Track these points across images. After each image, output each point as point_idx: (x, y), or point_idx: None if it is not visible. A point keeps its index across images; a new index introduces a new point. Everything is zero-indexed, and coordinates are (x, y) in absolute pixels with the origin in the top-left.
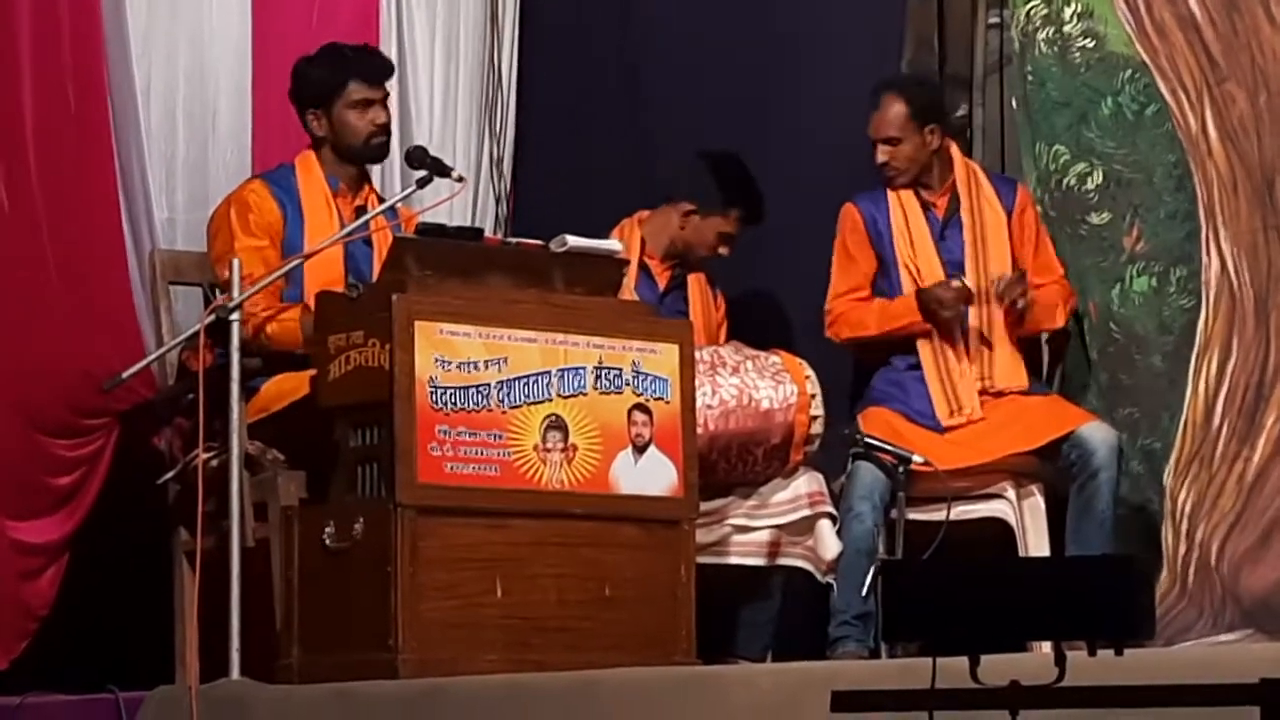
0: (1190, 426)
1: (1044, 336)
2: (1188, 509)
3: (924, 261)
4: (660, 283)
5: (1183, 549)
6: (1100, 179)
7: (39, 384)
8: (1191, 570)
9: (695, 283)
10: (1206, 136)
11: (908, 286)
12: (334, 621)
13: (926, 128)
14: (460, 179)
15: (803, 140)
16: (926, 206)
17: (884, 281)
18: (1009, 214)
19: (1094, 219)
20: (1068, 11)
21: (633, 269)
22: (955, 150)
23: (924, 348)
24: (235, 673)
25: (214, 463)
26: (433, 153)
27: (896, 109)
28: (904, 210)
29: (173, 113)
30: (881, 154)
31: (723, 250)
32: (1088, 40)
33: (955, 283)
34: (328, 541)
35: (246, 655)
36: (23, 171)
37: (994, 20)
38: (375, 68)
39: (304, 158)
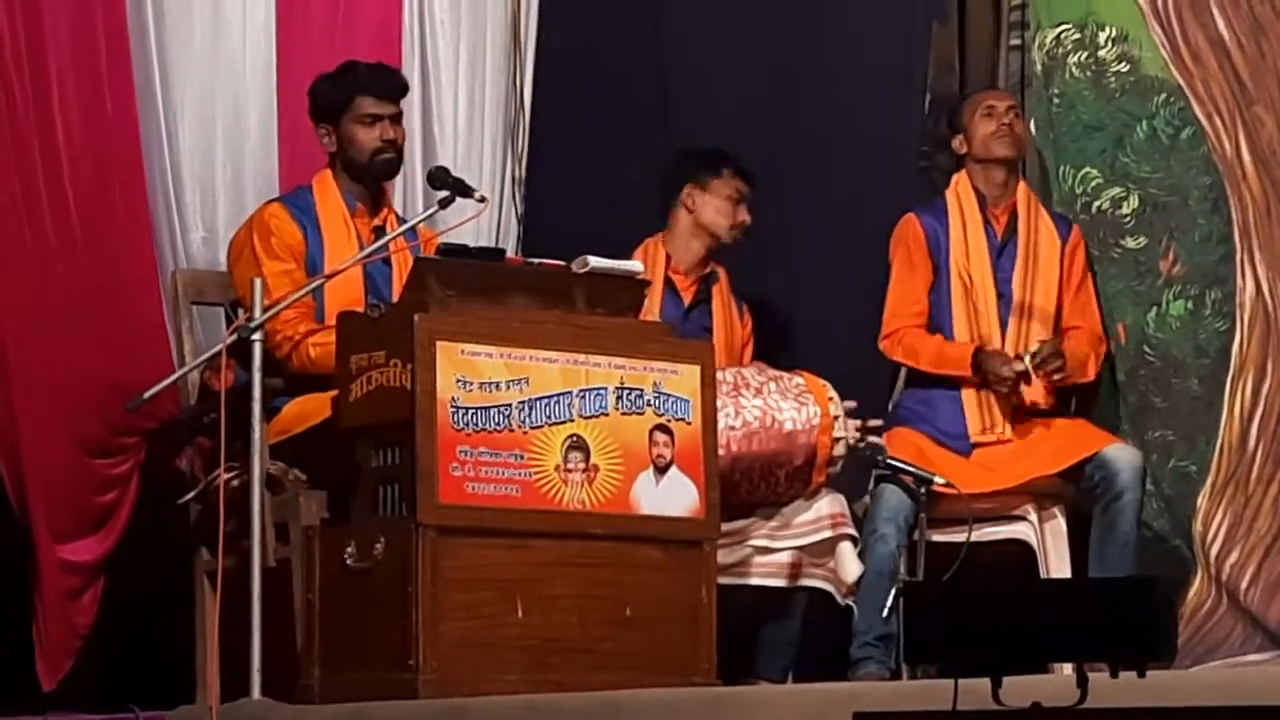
0: (1226, 449)
1: None
2: (1223, 531)
3: (978, 273)
4: (686, 298)
5: (1213, 570)
6: (1136, 204)
7: (80, 402)
8: (1222, 591)
9: (719, 296)
10: (1241, 160)
11: (958, 296)
12: (354, 641)
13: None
14: (482, 199)
15: (828, 156)
16: (988, 221)
17: (934, 293)
18: (1063, 246)
19: (1129, 243)
20: (1102, 36)
21: (658, 286)
22: (1022, 181)
23: None
24: (256, 692)
25: (235, 483)
26: (456, 173)
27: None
28: (964, 221)
29: (211, 131)
30: (1006, 115)
31: (742, 217)
32: (1122, 64)
33: (1017, 365)
34: (349, 561)
35: (267, 675)
36: (60, 194)
37: (1015, 42)
38: (385, 84)
39: (321, 178)
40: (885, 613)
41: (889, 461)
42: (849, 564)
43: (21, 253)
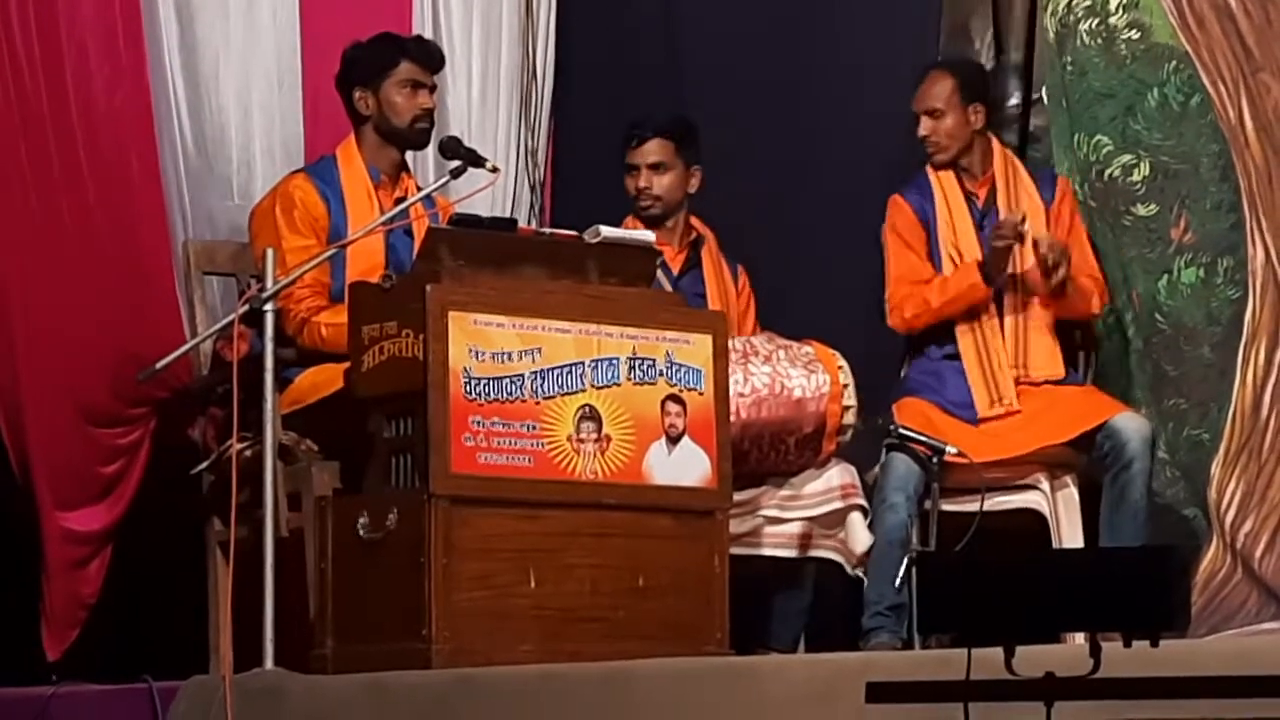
0: (1239, 417)
1: (1077, 335)
2: (1237, 500)
3: (966, 248)
4: (674, 266)
5: (1228, 539)
6: (1147, 171)
7: (88, 371)
8: (1237, 560)
9: (709, 258)
10: (1244, 128)
11: (949, 272)
12: (368, 612)
13: (971, 105)
14: (494, 169)
15: (841, 126)
16: (969, 196)
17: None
18: (1048, 205)
19: (1140, 210)
20: (1113, 3)
21: None
22: (996, 142)
23: (964, 337)
24: (269, 663)
25: (248, 453)
26: (470, 143)
27: (943, 83)
28: (947, 198)
29: (248, 100)
30: (924, 127)
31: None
32: (1133, 31)
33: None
34: (361, 532)
35: (280, 645)
36: (72, 163)
37: None
38: (428, 53)
39: (345, 148)
40: (897, 583)
41: (900, 430)
42: (859, 535)
43: (31, 222)
